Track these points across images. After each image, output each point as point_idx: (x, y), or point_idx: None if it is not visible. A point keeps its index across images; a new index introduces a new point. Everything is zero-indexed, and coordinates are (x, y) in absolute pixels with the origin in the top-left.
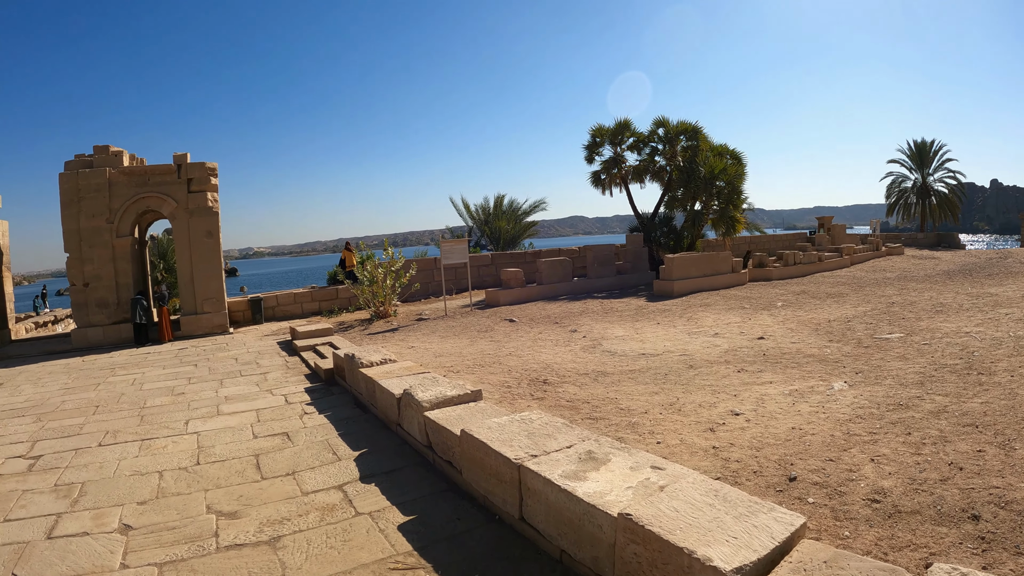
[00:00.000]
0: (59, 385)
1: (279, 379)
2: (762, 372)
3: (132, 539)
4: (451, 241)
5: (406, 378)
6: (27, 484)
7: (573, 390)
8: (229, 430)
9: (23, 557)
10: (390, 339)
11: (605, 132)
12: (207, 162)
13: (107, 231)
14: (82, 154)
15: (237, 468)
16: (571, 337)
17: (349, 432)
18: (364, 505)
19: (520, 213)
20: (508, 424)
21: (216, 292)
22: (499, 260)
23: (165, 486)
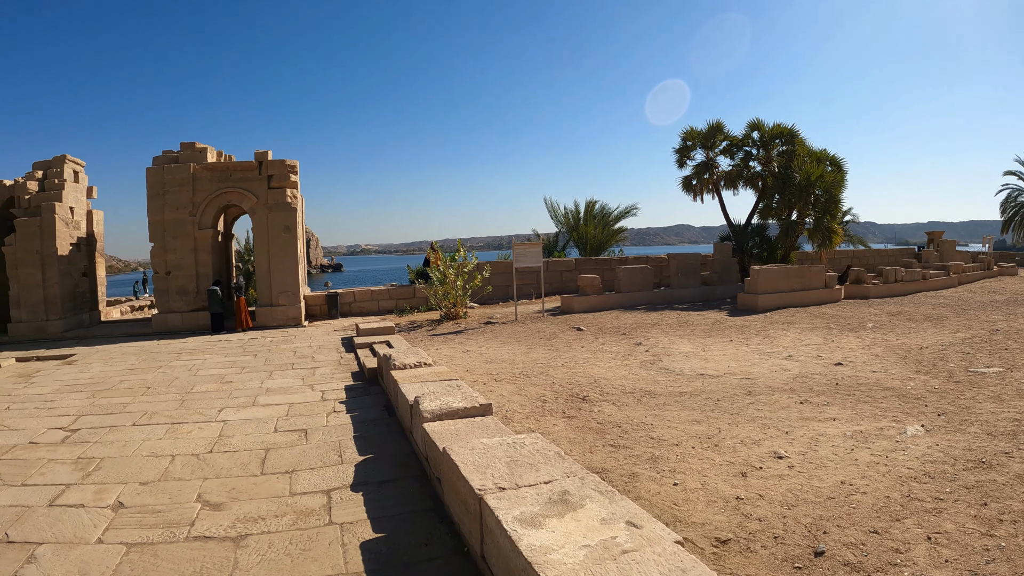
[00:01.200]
0: (125, 366)
1: (326, 375)
2: (828, 405)
3: (119, 516)
4: (524, 244)
5: (429, 384)
6: (55, 454)
7: (610, 411)
8: (255, 421)
9: (20, 519)
10: (450, 341)
11: (696, 135)
12: (287, 159)
13: (190, 223)
14: (170, 150)
15: (243, 460)
16: (633, 351)
17: (365, 435)
18: (340, 515)
19: (610, 219)
20: (494, 447)
21: (291, 286)
22: (582, 266)
23: (171, 470)
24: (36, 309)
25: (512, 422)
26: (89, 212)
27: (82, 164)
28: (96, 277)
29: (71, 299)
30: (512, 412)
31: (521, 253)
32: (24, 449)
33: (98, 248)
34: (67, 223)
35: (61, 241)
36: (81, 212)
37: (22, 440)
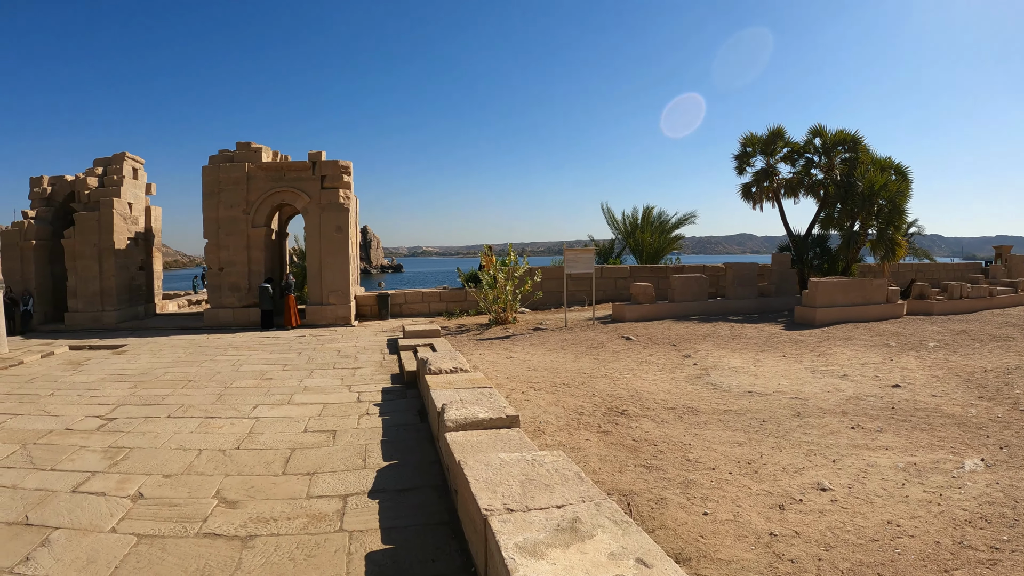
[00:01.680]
0: (172, 358)
1: (365, 376)
2: (881, 432)
3: (136, 507)
4: (576, 250)
5: (461, 391)
6: (88, 441)
7: (648, 427)
8: (287, 420)
9: (42, 503)
10: (495, 347)
11: (756, 141)
12: (340, 160)
13: (243, 221)
14: (226, 149)
15: (267, 459)
16: (680, 363)
17: (393, 440)
18: (352, 522)
19: (668, 226)
20: (512, 463)
21: (342, 285)
22: (637, 273)
23: (196, 464)
24: (92, 300)
25: (544, 435)
26: (147, 208)
27: (141, 161)
28: (152, 271)
29: (127, 291)
30: (546, 424)
31: (573, 259)
32: (60, 435)
33: (155, 243)
34: (125, 218)
35: (118, 235)
36: (140, 208)
37: (59, 426)
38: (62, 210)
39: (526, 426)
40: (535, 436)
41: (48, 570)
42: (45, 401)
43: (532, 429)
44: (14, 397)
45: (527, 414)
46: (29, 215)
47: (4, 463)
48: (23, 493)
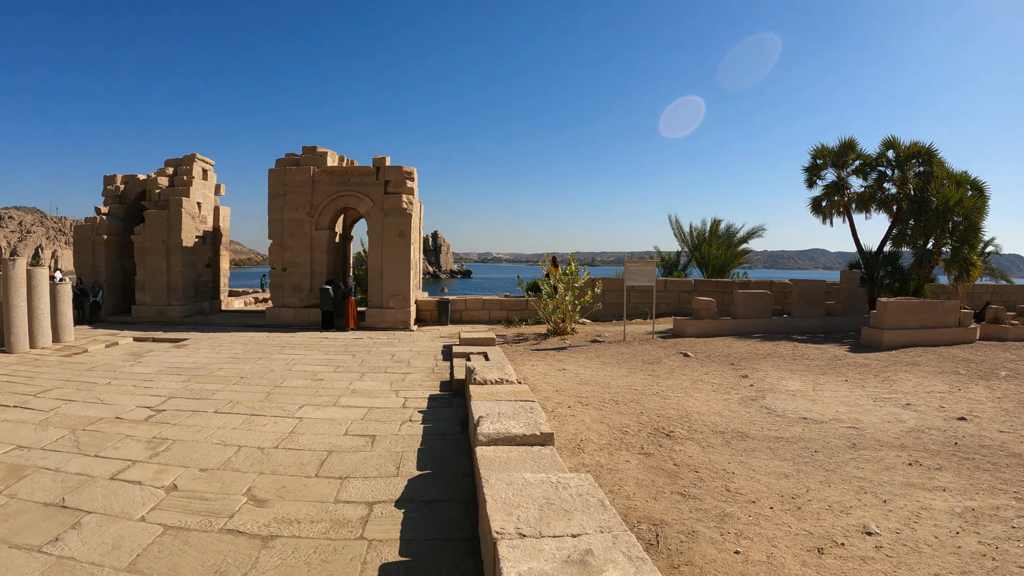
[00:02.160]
0: (229, 354)
1: (415, 381)
2: (940, 470)
3: (168, 498)
4: (637, 262)
5: (503, 403)
6: (134, 431)
7: (692, 451)
8: (329, 422)
9: (81, 487)
10: (549, 358)
11: (827, 153)
12: (404, 166)
13: (307, 223)
14: (292, 153)
15: (303, 460)
16: (736, 384)
17: (431, 449)
18: (374, 531)
19: (735, 239)
20: (535, 485)
21: (402, 289)
22: (701, 287)
23: (233, 460)
24: (159, 294)
25: (582, 453)
26: (216, 208)
27: (211, 163)
28: (219, 268)
29: (193, 287)
30: (586, 442)
31: (634, 271)
32: (109, 423)
33: (223, 242)
34: (193, 217)
35: (186, 233)
36: (208, 207)
37: (110, 414)
38: (134, 207)
39: (566, 443)
40: (573, 454)
41: (74, 552)
42: (101, 390)
43: (572, 447)
44: (72, 384)
45: (569, 430)
46: (102, 211)
47: (52, 446)
48: (64, 476)
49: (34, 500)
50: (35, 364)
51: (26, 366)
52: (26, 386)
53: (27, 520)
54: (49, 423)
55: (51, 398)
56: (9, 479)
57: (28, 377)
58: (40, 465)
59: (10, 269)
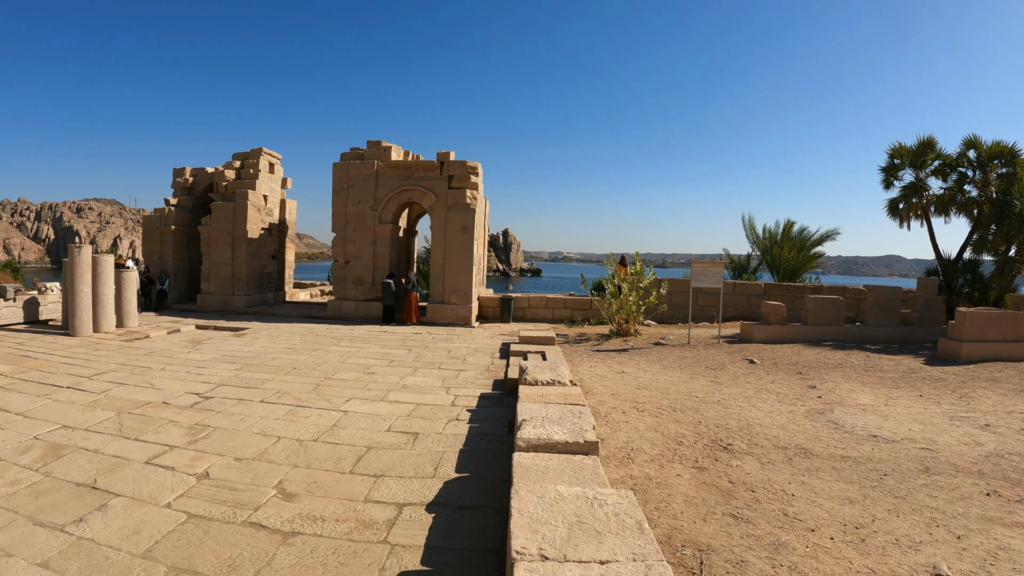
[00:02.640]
0: (286, 344)
1: (468, 379)
2: (1021, 503)
3: (198, 486)
4: (704, 263)
5: (551, 406)
6: (178, 416)
7: (750, 467)
8: (373, 417)
9: (114, 470)
10: (609, 360)
11: (905, 152)
12: (468, 161)
13: (370, 217)
14: (356, 147)
15: (340, 455)
16: (803, 395)
17: (473, 451)
18: (399, 535)
19: (808, 243)
20: (568, 500)
21: (464, 285)
22: (771, 291)
23: (270, 451)
24: (223, 284)
25: (631, 464)
26: (283, 201)
27: (278, 157)
28: (284, 260)
29: (257, 278)
30: (637, 451)
31: (700, 272)
32: (155, 408)
33: (289, 234)
34: (259, 209)
35: (251, 225)
36: (275, 200)
37: (157, 399)
38: (202, 199)
39: (616, 451)
40: (622, 464)
41: (95, 533)
42: (154, 375)
43: (621, 456)
44: (127, 368)
45: (621, 437)
46: (171, 203)
47: (95, 428)
48: (101, 458)
49: (67, 479)
50: (96, 348)
51: (87, 349)
52: (83, 368)
53: (57, 499)
54: (97, 405)
55: (104, 381)
56: (48, 457)
57: (86, 360)
58: (80, 445)
59: (76, 256)
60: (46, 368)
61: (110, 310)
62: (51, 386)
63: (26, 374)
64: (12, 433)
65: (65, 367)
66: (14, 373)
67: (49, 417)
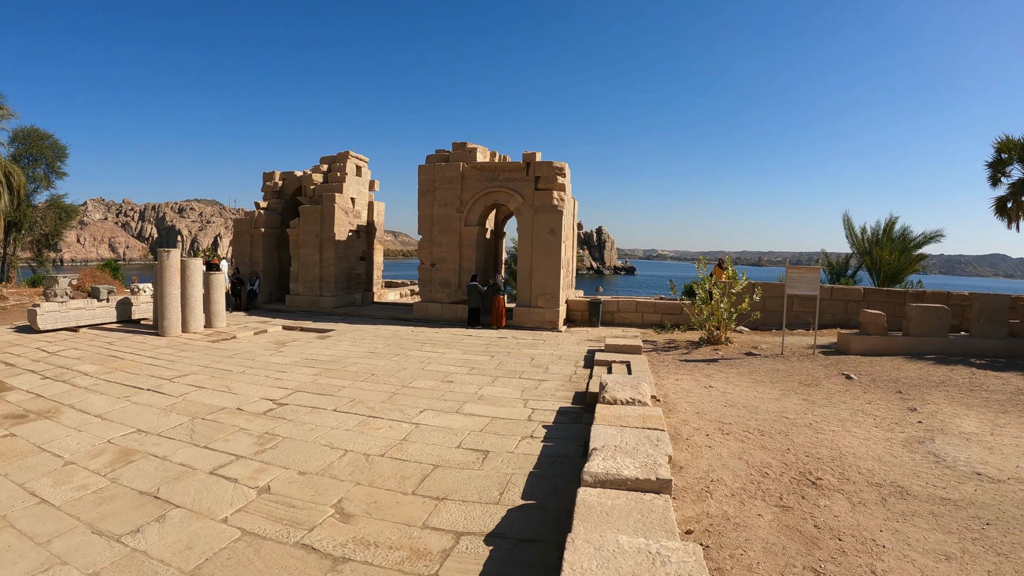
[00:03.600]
0: (368, 348)
1: (548, 391)
2: None
3: (257, 500)
4: (799, 268)
5: (627, 431)
6: (249, 424)
7: (840, 510)
8: (445, 431)
9: (179, 479)
10: (697, 371)
11: (1013, 146)
12: (555, 161)
13: (456, 219)
14: (442, 149)
15: (405, 473)
16: (902, 419)
17: (543, 474)
18: (451, 570)
19: (910, 244)
20: (627, 555)
21: (552, 288)
22: (871, 296)
23: (334, 465)
24: (312, 285)
25: (709, 499)
26: (370, 203)
27: (365, 160)
28: (373, 261)
29: (345, 279)
30: (717, 484)
31: (796, 278)
32: (228, 414)
33: (377, 236)
34: (346, 212)
35: (339, 227)
36: (363, 203)
37: (232, 405)
38: (290, 202)
39: (694, 482)
40: (699, 499)
41: (148, 546)
42: (233, 378)
43: (699, 488)
44: (208, 371)
45: (701, 465)
46: (261, 206)
47: (168, 433)
48: (167, 466)
49: (132, 487)
50: (182, 349)
51: (173, 350)
52: (165, 370)
53: (119, 506)
54: (173, 409)
55: (184, 383)
56: (117, 463)
57: (170, 361)
58: (150, 451)
59: (164, 260)
60: (131, 369)
61: (198, 311)
62: (132, 388)
63: (111, 375)
64: (88, 436)
65: (149, 368)
66: (100, 373)
67: (125, 420)
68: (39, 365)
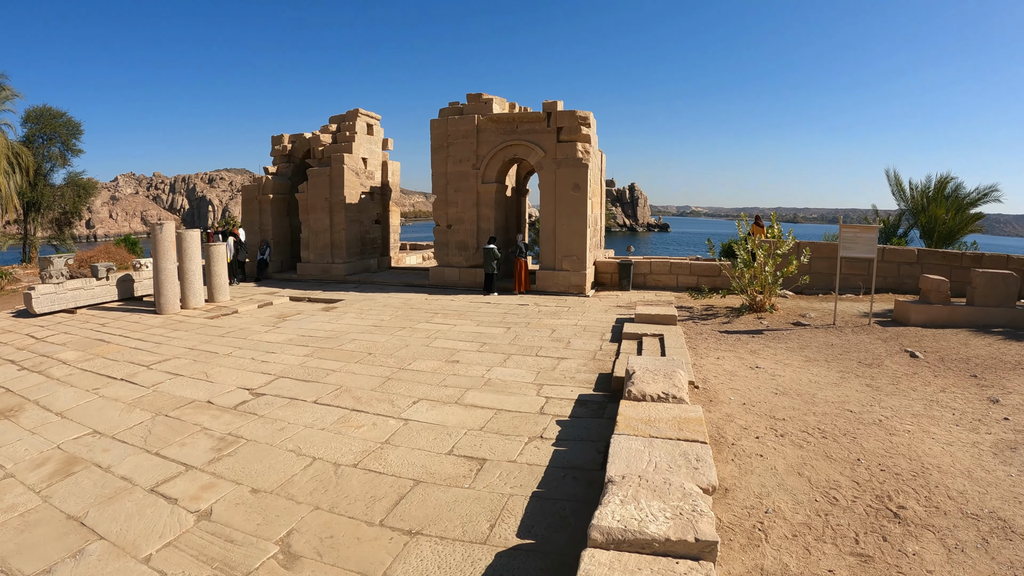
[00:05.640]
0: (373, 321)
1: (568, 372)
2: None
3: (192, 530)
4: (854, 227)
5: (656, 447)
6: (214, 423)
7: (933, 556)
8: (438, 430)
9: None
10: (739, 346)
11: None
12: (578, 111)
13: (472, 176)
14: (455, 101)
15: (376, 492)
16: (986, 413)
17: (549, 496)
18: None
19: (964, 202)
20: None
21: (578, 250)
22: (926, 259)
23: (294, 480)
24: (323, 252)
25: (764, 543)
26: (384, 163)
27: (376, 117)
28: (388, 224)
29: (358, 244)
30: (772, 519)
31: (851, 238)
32: (195, 408)
33: (392, 197)
34: (357, 173)
35: (349, 190)
36: (375, 163)
37: (204, 397)
38: (300, 166)
39: (741, 518)
40: (749, 545)
41: None
42: (217, 362)
43: (749, 526)
44: (193, 354)
45: (752, 486)
46: (270, 171)
47: (122, 435)
48: (107, 480)
49: (63, 508)
50: (174, 328)
51: (166, 330)
52: (148, 354)
53: (40, 535)
54: (139, 403)
55: (161, 370)
56: (56, 476)
57: (156, 344)
58: (96, 460)
59: (157, 233)
60: (112, 355)
61: (197, 286)
62: (106, 378)
63: (90, 362)
64: (39, 440)
65: (131, 353)
66: (79, 361)
67: (85, 419)
68: (21, 354)
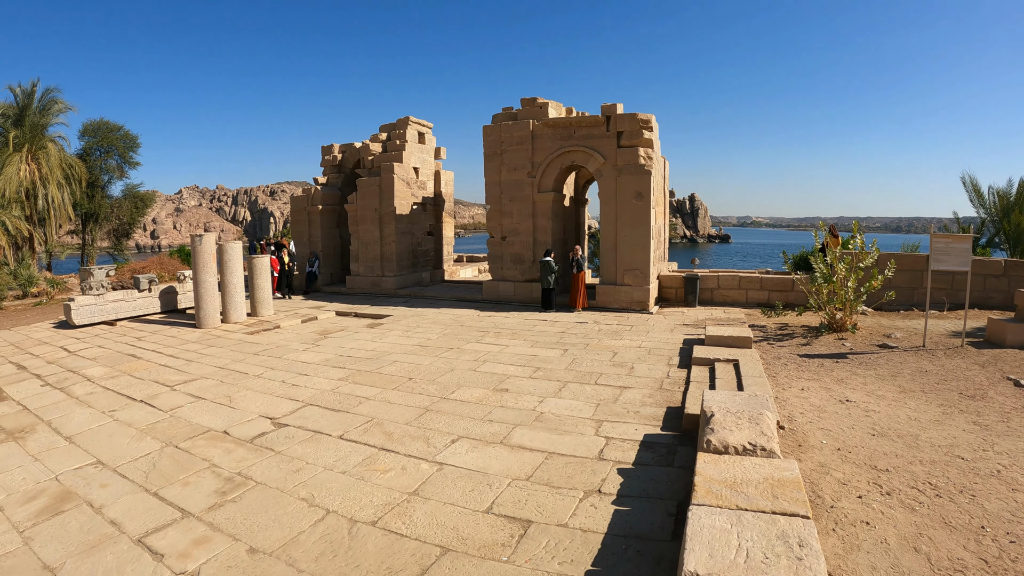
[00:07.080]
0: (419, 340)
1: (632, 404)
2: None
3: None
4: (946, 236)
5: (748, 521)
6: (224, 459)
7: None
8: (477, 478)
9: (96, 548)
10: (823, 374)
11: None
12: (640, 114)
13: (527, 185)
14: (509, 107)
15: (395, 563)
16: None
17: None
18: None
19: None
20: None
21: (641, 263)
22: (1013, 271)
23: (299, 541)
24: (372, 265)
25: None
26: (437, 172)
27: (428, 125)
28: (442, 236)
29: (409, 257)
30: None
31: (943, 248)
32: (210, 439)
33: (446, 208)
34: (408, 183)
35: (400, 200)
36: (428, 172)
37: (221, 425)
38: (351, 176)
39: None
40: None
41: None
42: (245, 384)
43: None
44: (222, 374)
45: (861, 568)
46: (320, 181)
47: (125, 468)
48: (95, 524)
49: (40, 556)
50: (209, 344)
51: (201, 346)
52: (175, 373)
53: None
54: (152, 431)
55: (184, 392)
56: (44, 513)
57: (187, 361)
58: (90, 498)
59: (197, 245)
60: (140, 372)
61: (239, 299)
62: (126, 398)
63: (114, 380)
64: (39, 469)
65: (158, 371)
66: (103, 379)
67: (92, 446)
68: (49, 368)
